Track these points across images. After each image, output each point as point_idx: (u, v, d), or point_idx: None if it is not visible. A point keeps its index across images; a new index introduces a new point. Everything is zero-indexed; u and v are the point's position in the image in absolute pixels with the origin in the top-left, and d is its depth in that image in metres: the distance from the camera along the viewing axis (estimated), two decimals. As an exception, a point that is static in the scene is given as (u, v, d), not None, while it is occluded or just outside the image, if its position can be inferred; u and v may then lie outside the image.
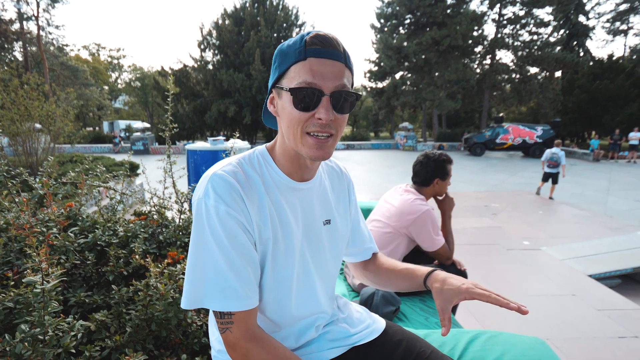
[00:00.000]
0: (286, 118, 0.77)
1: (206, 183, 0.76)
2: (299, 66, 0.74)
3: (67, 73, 28.71)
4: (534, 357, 0.97)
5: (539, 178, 11.31)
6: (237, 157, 0.85)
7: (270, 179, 0.84)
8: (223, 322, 0.76)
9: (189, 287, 0.76)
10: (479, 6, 26.97)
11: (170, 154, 1.89)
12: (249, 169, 0.82)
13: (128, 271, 1.40)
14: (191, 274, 0.76)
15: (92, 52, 44.74)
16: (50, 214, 1.42)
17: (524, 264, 4.12)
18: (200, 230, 0.75)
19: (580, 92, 24.54)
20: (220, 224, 0.74)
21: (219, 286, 0.74)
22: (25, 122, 6.20)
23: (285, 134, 0.80)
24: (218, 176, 0.76)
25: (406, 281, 0.99)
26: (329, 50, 0.74)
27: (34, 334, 0.93)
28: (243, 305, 0.75)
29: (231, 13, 23.83)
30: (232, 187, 0.76)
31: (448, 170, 2.05)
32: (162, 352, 1.22)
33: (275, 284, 0.84)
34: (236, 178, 0.77)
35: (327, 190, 0.96)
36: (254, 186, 0.80)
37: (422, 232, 1.92)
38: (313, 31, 0.76)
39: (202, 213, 0.75)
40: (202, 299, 0.75)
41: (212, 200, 0.74)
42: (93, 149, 20.76)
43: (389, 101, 27.40)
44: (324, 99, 0.74)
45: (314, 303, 0.92)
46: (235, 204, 0.75)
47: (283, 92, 0.77)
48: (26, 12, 26.20)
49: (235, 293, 0.74)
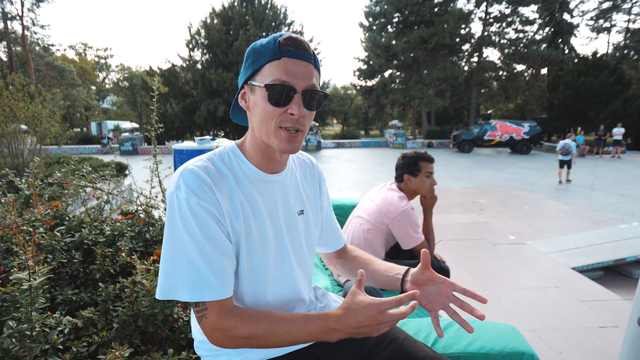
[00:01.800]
0: (259, 112, 0.82)
1: (177, 178, 0.80)
2: (274, 65, 0.79)
3: (54, 73, 28.24)
4: (503, 342, 1.02)
5: (526, 174, 11.53)
6: (208, 153, 0.88)
7: (241, 172, 0.88)
8: (198, 310, 0.79)
9: (162, 277, 0.79)
10: (466, 4, 27.31)
11: (156, 153, 1.91)
12: (220, 164, 0.86)
13: (115, 269, 1.43)
14: (164, 265, 0.79)
15: (79, 52, 44.00)
16: (36, 214, 1.43)
17: (510, 258, 4.20)
18: (172, 222, 0.78)
19: (566, 88, 24.97)
20: (192, 214, 0.77)
21: (191, 277, 0.76)
22: (10, 123, 6.11)
23: (257, 128, 0.84)
24: (189, 170, 0.80)
25: (381, 278, 1.03)
26: (301, 52, 0.80)
27: (21, 329, 0.95)
28: (215, 295, 0.77)
29: (219, 12, 23.70)
30: (203, 180, 0.79)
31: (420, 166, 2.05)
32: (149, 347, 1.25)
33: (252, 273, 0.87)
34: (207, 172, 0.81)
35: (299, 182, 1.01)
36: (225, 179, 0.84)
37: (401, 230, 1.96)
38: (286, 34, 0.81)
39: (174, 205, 0.78)
40: (175, 290, 0.77)
41: (183, 193, 0.77)
42: (81, 150, 20.46)
43: (378, 99, 27.55)
44: (296, 96, 0.80)
45: (292, 291, 0.96)
46: (205, 195, 0.78)
47: (257, 87, 0.81)
48: (10, 12, 25.73)
49: (207, 283, 0.76)
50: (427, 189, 2.08)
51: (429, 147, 23.02)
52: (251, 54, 0.83)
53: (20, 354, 0.95)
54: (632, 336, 0.41)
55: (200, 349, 0.94)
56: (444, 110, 30.69)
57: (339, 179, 10.43)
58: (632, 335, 0.40)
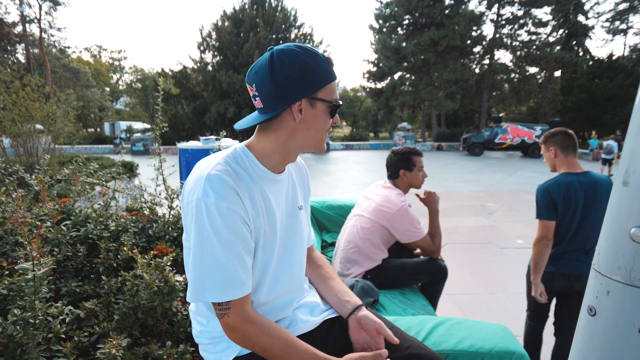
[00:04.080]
0: (319, 124, 0.93)
1: (203, 183, 0.83)
2: (333, 85, 0.92)
3: (69, 75, 28.86)
4: (494, 342, 1.03)
5: (537, 178, 11.37)
6: (221, 155, 0.92)
7: (254, 173, 0.93)
8: (221, 308, 0.84)
9: (192, 281, 0.84)
10: (477, 6, 26.88)
11: (161, 152, 1.96)
12: (236, 166, 0.90)
13: (118, 263, 1.47)
14: (194, 269, 0.84)
15: (94, 54, 44.90)
16: (44, 209, 1.49)
17: (517, 262, 4.17)
18: (201, 228, 0.82)
19: (580, 91, 24.54)
20: (222, 219, 0.81)
21: (219, 279, 0.82)
22: (26, 123, 6.28)
23: (306, 137, 0.94)
24: (214, 176, 0.83)
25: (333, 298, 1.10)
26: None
27: (24, 317, 1.00)
28: (240, 293, 0.84)
29: (230, 15, 23.92)
30: (228, 184, 0.83)
31: (414, 161, 2.12)
32: (148, 339, 1.29)
33: (262, 267, 0.94)
34: (230, 175, 0.85)
35: (295, 179, 1.08)
36: (243, 181, 0.89)
37: (400, 226, 1.99)
38: (322, 52, 0.94)
39: (203, 212, 0.81)
40: (204, 293, 0.83)
41: (212, 199, 0.81)
42: (94, 150, 20.88)
43: (387, 101, 27.43)
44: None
45: (292, 282, 1.02)
46: (233, 199, 0.83)
47: (320, 103, 0.91)
48: (29, 15, 26.38)
49: (233, 282, 0.83)
50: (420, 182, 2.14)
51: (439, 149, 22.87)
52: (306, 71, 0.88)
53: (24, 340, 1.00)
54: (582, 324, 0.42)
55: (200, 337, 0.99)
56: (454, 113, 30.40)
57: (347, 180, 10.46)
58: (583, 323, 0.42)
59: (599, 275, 0.41)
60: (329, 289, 1.12)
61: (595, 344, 0.44)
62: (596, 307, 0.40)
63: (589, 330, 0.41)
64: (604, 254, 0.41)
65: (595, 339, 0.42)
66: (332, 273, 1.18)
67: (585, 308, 0.42)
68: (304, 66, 0.87)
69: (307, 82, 0.88)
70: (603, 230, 0.44)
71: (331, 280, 1.14)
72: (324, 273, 1.16)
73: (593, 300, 0.41)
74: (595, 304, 0.40)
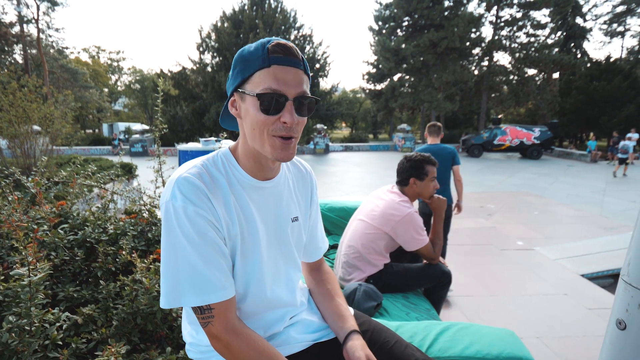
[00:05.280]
0: (251, 121, 0.81)
1: (172, 186, 0.79)
2: (264, 73, 0.78)
3: (67, 75, 28.77)
4: (501, 347, 1.01)
5: (536, 179, 11.38)
6: (201, 159, 0.88)
7: (234, 178, 0.87)
8: (204, 317, 0.80)
9: (166, 286, 0.79)
10: (476, 8, 26.92)
11: (160, 153, 1.93)
12: (214, 170, 0.85)
13: (117, 267, 1.44)
14: (166, 273, 0.79)
15: (92, 54, 44.77)
16: (41, 212, 1.46)
17: (517, 264, 4.15)
18: (170, 230, 0.78)
19: (578, 93, 24.59)
20: (189, 222, 0.77)
21: (195, 282, 0.77)
22: (23, 124, 6.24)
23: (249, 136, 0.84)
24: (184, 178, 0.79)
25: (329, 319, 1.04)
26: (290, 59, 0.79)
27: (20, 324, 0.97)
28: (221, 296, 0.79)
29: (230, 16, 23.91)
30: (198, 188, 0.79)
31: (426, 170, 2.05)
32: (147, 345, 1.26)
33: (245, 277, 0.88)
34: (201, 179, 0.81)
35: (292, 188, 1.01)
36: (219, 186, 0.84)
37: (403, 234, 1.96)
38: (274, 39, 0.80)
39: (171, 214, 0.78)
40: (180, 297, 0.78)
41: (179, 202, 0.77)
42: (92, 151, 20.79)
43: (387, 103, 27.44)
44: (287, 103, 0.79)
45: (282, 295, 0.97)
46: (202, 203, 0.79)
47: (247, 96, 0.81)
48: (26, 15, 26.29)
49: (211, 286, 0.78)
50: (429, 193, 2.08)
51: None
52: (239, 61, 0.82)
53: (20, 348, 0.97)
54: (610, 338, 0.39)
55: (192, 351, 0.95)
56: (454, 115, 30.44)
57: (347, 182, 10.43)
58: (611, 337, 0.39)
59: (629, 287, 0.38)
60: (328, 308, 1.05)
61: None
62: (626, 321, 0.38)
63: (618, 345, 0.38)
64: (635, 265, 0.39)
65: (625, 354, 0.39)
66: (335, 291, 1.10)
67: (613, 321, 0.39)
68: (238, 58, 0.82)
69: (235, 74, 0.83)
70: (633, 239, 0.41)
71: (332, 300, 1.07)
72: (326, 291, 1.09)
73: (622, 313, 0.38)
74: (625, 317, 0.38)
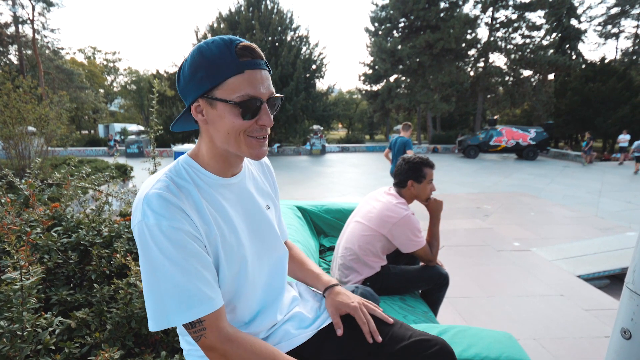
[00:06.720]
0: (226, 127, 0.80)
1: (141, 205, 0.77)
2: (238, 79, 0.77)
3: (63, 76, 28.62)
4: (499, 350, 1.00)
5: (532, 180, 11.42)
6: (162, 172, 0.86)
7: (201, 182, 0.86)
8: (195, 330, 0.78)
9: (151, 309, 0.77)
10: (472, 10, 27.19)
11: (156, 154, 1.92)
12: (178, 180, 0.83)
13: (111, 270, 1.42)
14: (150, 295, 0.76)
15: (88, 55, 44.54)
16: (34, 214, 1.44)
17: (514, 265, 4.15)
18: (147, 251, 0.76)
19: (573, 94, 24.77)
20: (166, 238, 0.75)
21: (180, 299, 0.75)
22: (18, 125, 6.19)
23: (222, 140, 0.82)
24: (151, 195, 0.77)
25: (310, 281, 1.17)
26: (258, 61, 0.79)
27: (12, 329, 0.95)
28: (209, 308, 0.77)
29: (226, 17, 23.87)
30: (168, 201, 0.77)
31: (424, 173, 2.04)
32: (142, 350, 1.24)
33: (233, 278, 0.87)
34: (169, 191, 0.78)
35: (257, 179, 1.03)
36: (188, 194, 0.82)
37: (400, 236, 1.95)
38: (236, 41, 0.78)
39: (146, 234, 0.75)
40: (168, 317, 0.76)
41: (152, 219, 0.75)
42: (88, 152, 20.67)
43: (383, 104, 27.51)
44: (263, 106, 0.80)
45: (273, 287, 0.98)
46: (175, 215, 0.76)
47: (220, 103, 0.79)
48: (21, 16, 26.19)
49: (197, 300, 0.76)
50: (427, 195, 2.08)
51: (434, 152, 22.93)
52: (203, 66, 0.78)
53: (11, 354, 0.95)
54: (615, 347, 0.39)
55: (191, 356, 0.94)
56: (450, 116, 30.60)
57: (343, 183, 10.40)
58: (615, 347, 0.38)
59: (634, 295, 0.37)
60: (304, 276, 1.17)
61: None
62: (631, 330, 0.37)
63: (623, 355, 0.37)
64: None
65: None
66: (303, 258, 1.20)
67: (618, 330, 0.39)
68: (200, 61, 0.78)
69: (198, 79, 0.78)
70: (639, 244, 0.40)
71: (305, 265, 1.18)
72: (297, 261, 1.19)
73: (627, 322, 0.37)
74: (631, 327, 0.37)
